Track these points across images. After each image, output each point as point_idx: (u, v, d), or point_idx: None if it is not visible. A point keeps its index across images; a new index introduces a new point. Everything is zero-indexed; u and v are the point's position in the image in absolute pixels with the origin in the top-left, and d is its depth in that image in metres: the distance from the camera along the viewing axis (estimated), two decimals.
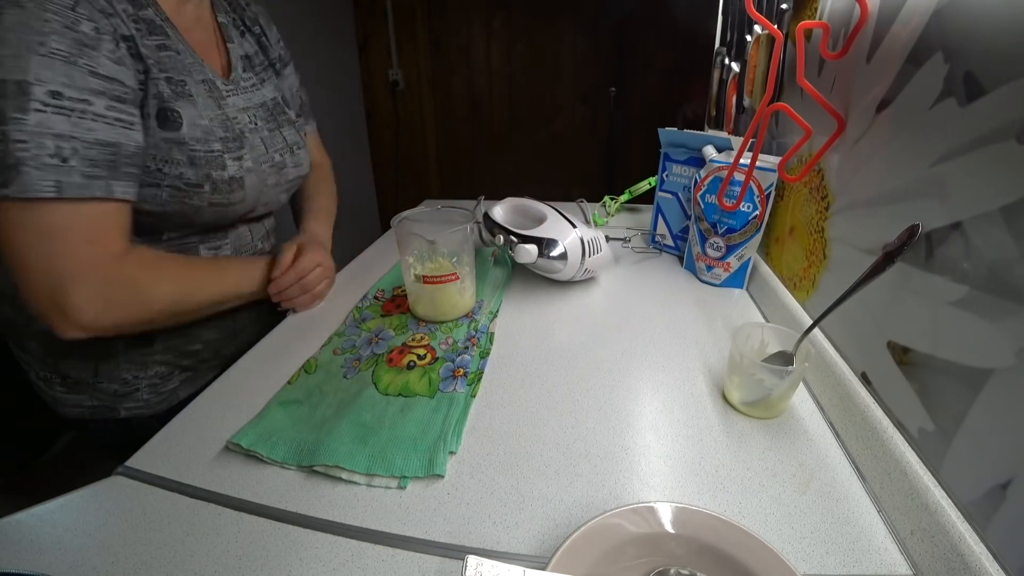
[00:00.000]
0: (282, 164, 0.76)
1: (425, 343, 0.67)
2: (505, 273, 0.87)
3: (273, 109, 0.77)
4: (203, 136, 0.63)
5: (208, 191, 0.65)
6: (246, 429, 0.52)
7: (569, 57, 2.39)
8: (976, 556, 0.34)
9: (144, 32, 0.59)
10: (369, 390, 0.58)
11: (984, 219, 0.37)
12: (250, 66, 0.76)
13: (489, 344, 0.68)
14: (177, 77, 0.62)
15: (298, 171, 0.80)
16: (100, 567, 0.40)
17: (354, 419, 0.53)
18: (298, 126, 0.82)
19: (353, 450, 0.49)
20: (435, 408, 0.55)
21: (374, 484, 0.47)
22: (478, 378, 0.61)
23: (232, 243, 0.76)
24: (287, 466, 0.49)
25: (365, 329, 0.71)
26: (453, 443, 0.51)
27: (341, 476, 0.48)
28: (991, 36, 0.38)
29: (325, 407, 0.56)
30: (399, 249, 0.73)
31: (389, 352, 0.65)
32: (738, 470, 0.49)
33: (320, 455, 0.48)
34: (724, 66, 0.97)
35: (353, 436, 0.51)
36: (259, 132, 0.73)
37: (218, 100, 0.67)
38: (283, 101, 0.80)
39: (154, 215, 0.63)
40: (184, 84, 0.63)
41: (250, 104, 0.73)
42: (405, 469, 0.48)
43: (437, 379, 0.60)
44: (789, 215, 0.75)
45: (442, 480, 0.48)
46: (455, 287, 0.71)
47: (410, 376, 0.61)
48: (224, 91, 0.68)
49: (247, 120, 0.71)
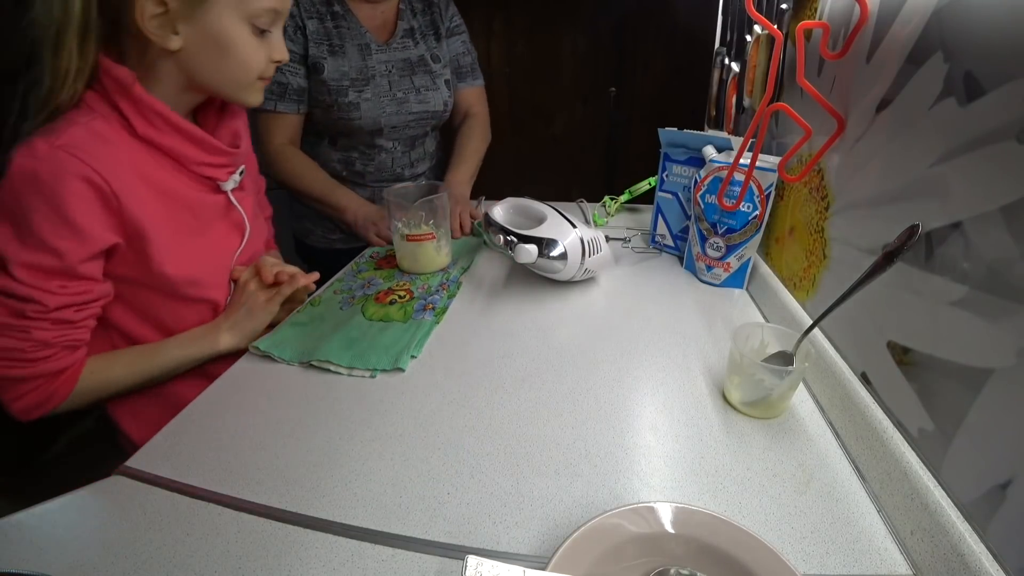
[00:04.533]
0: (404, 99, 1.09)
1: (406, 287, 0.85)
2: (479, 241, 1.04)
3: (415, 63, 1.10)
4: (338, 76, 1.02)
5: (336, 109, 1.04)
6: (263, 339, 0.69)
7: (569, 57, 2.39)
8: (976, 556, 0.34)
9: (324, 15, 1.02)
10: (358, 317, 0.76)
11: (984, 219, 0.37)
12: (410, 34, 1.10)
13: (456, 289, 0.85)
14: (338, 41, 1.02)
15: (423, 107, 1.11)
16: (100, 567, 0.40)
17: (344, 334, 0.70)
18: (436, 75, 1.12)
19: (340, 352, 0.66)
20: (406, 329, 0.72)
21: (353, 375, 0.63)
22: (444, 311, 0.78)
23: (375, 162, 1.13)
24: (291, 363, 0.66)
25: (361, 278, 0.89)
26: (416, 350, 0.68)
27: (329, 368, 0.64)
28: (991, 36, 0.38)
29: (323, 327, 0.73)
30: (389, 215, 0.90)
31: (377, 293, 0.83)
32: (738, 470, 0.49)
33: (316, 354, 0.65)
34: (724, 66, 0.97)
35: (341, 344, 0.67)
36: (389, 76, 1.07)
37: (365, 56, 1.05)
38: (430, 58, 1.12)
39: (319, 123, 1.08)
40: (342, 45, 1.03)
41: (393, 59, 1.07)
42: (376, 364, 0.64)
43: (411, 311, 0.77)
44: (789, 215, 0.75)
45: (442, 480, 0.48)
46: (432, 245, 0.89)
47: (391, 309, 0.78)
48: (375, 50, 1.06)
49: (383, 68, 1.06)
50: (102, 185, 0.55)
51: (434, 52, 1.12)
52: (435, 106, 1.13)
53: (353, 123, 1.06)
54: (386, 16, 1.09)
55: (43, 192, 0.53)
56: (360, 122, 1.06)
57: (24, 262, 0.54)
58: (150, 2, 0.54)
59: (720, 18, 1.05)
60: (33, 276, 0.55)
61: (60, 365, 0.59)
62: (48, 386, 0.59)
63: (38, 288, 0.55)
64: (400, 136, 1.13)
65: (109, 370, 0.64)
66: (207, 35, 0.58)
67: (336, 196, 1.06)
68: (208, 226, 0.69)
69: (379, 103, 1.06)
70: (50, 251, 0.54)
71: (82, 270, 0.57)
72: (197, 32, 0.57)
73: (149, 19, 0.54)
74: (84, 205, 0.55)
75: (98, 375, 0.63)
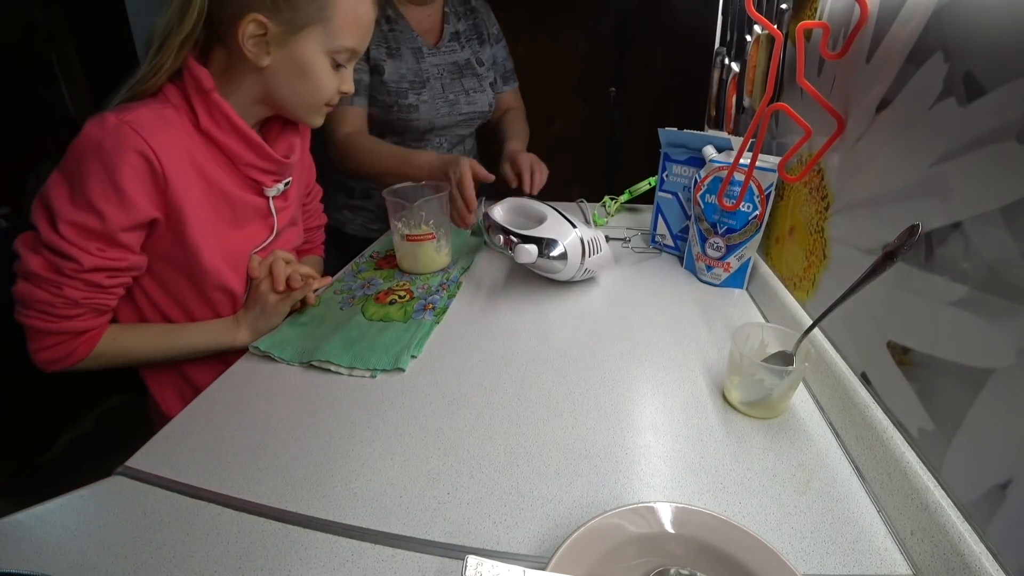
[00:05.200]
0: (455, 101, 1.15)
1: (406, 287, 0.85)
2: (479, 240, 1.03)
3: (463, 66, 1.16)
4: (398, 79, 1.08)
5: (396, 110, 1.09)
6: (264, 339, 0.70)
7: (569, 57, 2.39)
8: (976, 556, 0.34)
9: (380, 19, 1.04)
10: (358, 317, 0.76)
11: (984, 219, 0.37)
12: (456, 38, 1.16)
13: (456, 289, 0.85)
14: (395, 44, 1.08)
15: (472, 108, 1.17)
16: (100, 567, 0.40)
17: (344, 334, 0.70)
18: (482, 78, 1.18)
19: (340, 352, 0.66)
20: (406, 329, 0.72)
21: (353, 375, 0.63)
22: (444, 311, 0.78)
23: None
24: (292, 363, 0.66)
25: (361, 278, 0.89)
26: (416, 350, 0.68)
27: (329, 368, 0.64)
28: (991, 36, 0.38)
29: (324, 327, 0.73)
30: (389, 216, 0.89)
31: (377, 293, 0.83)
32: (738, 470, 0.49)
33: (316, 354, 0.65)
34: (724, 66, 0.97)
35: (342, 344, 0.68)
36: (442, 79, 1.13)
37: (419, 59, 1.10)
38: (476, 62, 1.18)
39: (377, 122, 1.11)
40: (399, 48, 1.08)
41: (443, 62, 1.13)
42: (377, 364, 0.64)
43: (411, 311, 0.77)
44: (789, 215, 0.75)
45: (442, 480, 0.48)
46: (432, 245, 0.88)
47: (391, 309, 0.78)
48: (427, 52, 1.11)
49: (436, 71, 1.12)
50: (154, 162, 0.59)
51: (478, 56, 1.19)
52: (482, 107, 1.19)
53: (411, 123, 1.12)
54: (433, 20, 1.14)
55: (102, 159, 0.58)
56: (417, 123, 1.12)
57: (71, 220, 0.58)
58: (253, 24, 0.60)
59: (720, 18, 1.05)
60: (76, 234, 0.58)
61: (84, 326, 0.63)
62: (70, 344, 0.63)
63: (78, 247, 0.59)
64: (448, 134, 1.19)
65: (130, 341, 0.68)
66: (293, 60, 0.65)
67: (413, 157, 1.02)
68: (244, 223, 0.72)
69: (434, 105, 1.12)
70: (96, 213, 0.58)
71: (122, 238, 0.61)
72: (285, 56, 0.64)
73: (249, 38, 0.61)
74: (135, 176, 0.59)
75: (119, 343, 0.67)
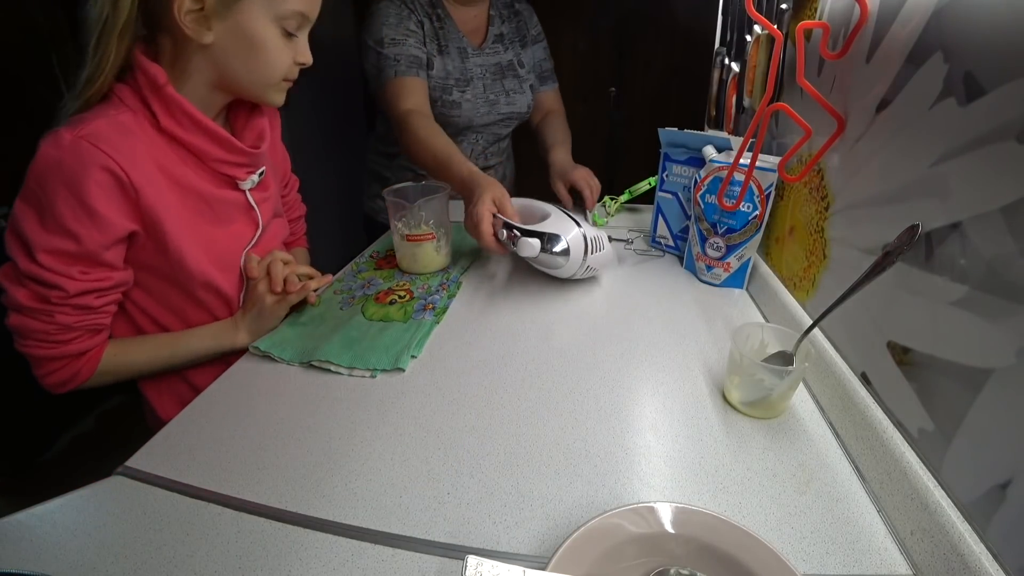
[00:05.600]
0: (495, 101, 1.18)
1: (406, 287, 0.85)
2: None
3: (505, 67, 1.19)
4: (444, 76, 1.11)
5: (440, 105, 1.11)
6: (263, 339, 0.69)
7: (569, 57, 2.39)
8: (976, 556, 0.34)
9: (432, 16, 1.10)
10: (358, 317, 0.75)
11: (984, 219, 0.37)
12: (500, 40, 1.19)
13: (456, 289, 0.85)
14: (444, 42, 1.11)
15: (511, 108, 1.20)
16: (100, 567, 0.40)
17: (344, 334, 0.70)
18: (522, 80, 1.21)
19: (340, 352, 0.66)
20: (406, 329, 0.72)
21: (353, 375, 0.63)
22: (444, 311, 0.78)
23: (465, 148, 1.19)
24: (291, 363, 0.66)
25: (361, 278, 0.89)
26: (416, 350, 0.68)
27: (329, 368, 0.64)
28: (991, 36, 0.38)
29: (324, 327, 0.73)
30: (389, 215, 0.88)
31: (377, 293, 0.83)
32: (738, 470, 0.49)
33: (316, 354, 0.65)
34: (724, 66, 0.97)
35: (341, 344, 0.67)
36: (484, 79, 1.16)
37: (464, 58, 1.13)
38: (517, 63, 1.21)
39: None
40: (447, 46, 1.11)
41: (487, 63, 1.16)
42: (377, 364, 0.64)
43: (411, 311, 0.77)
44: (789, 215, 0.75)
45: (442, 480, 0.48)
46: (432, 245, 0.88)
47: (390, 309, 0.78)
48: (471, 53, 1.14)
49: (479, 71, 1.15)
50: (121, 175, 0.58)
51: (520, 57, 1.22)
52: (520, 108, 1.22)
53: (451, 118, 1.13)
54: (479, 21, 1.17)
55: (65, 179, 0.56)
56: (458, 119, 1.14)
57: (47, 247, 0.57)
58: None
59: (720, 18, 1.05)
60: (55, 261, 0.57)
61: (83, 347, 0.62)
62: (73, 365, 0.63)
63: (60, 274, 0.58)
64: (486, 132, 1.21)
65: (132, 354, 0.68)
66: (238, 33, 0.61)
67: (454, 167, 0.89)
68: (226, 221, 0.71)
69: (476, 104, 1.15)
70: (70, 236, 0.57)
71: (103, 257, 0.60)
72: (229, 29, 0.60)
73: (185, 14, 0.58)
74: (103, 193, 0.57)
75: (121, 358, 0.67)
